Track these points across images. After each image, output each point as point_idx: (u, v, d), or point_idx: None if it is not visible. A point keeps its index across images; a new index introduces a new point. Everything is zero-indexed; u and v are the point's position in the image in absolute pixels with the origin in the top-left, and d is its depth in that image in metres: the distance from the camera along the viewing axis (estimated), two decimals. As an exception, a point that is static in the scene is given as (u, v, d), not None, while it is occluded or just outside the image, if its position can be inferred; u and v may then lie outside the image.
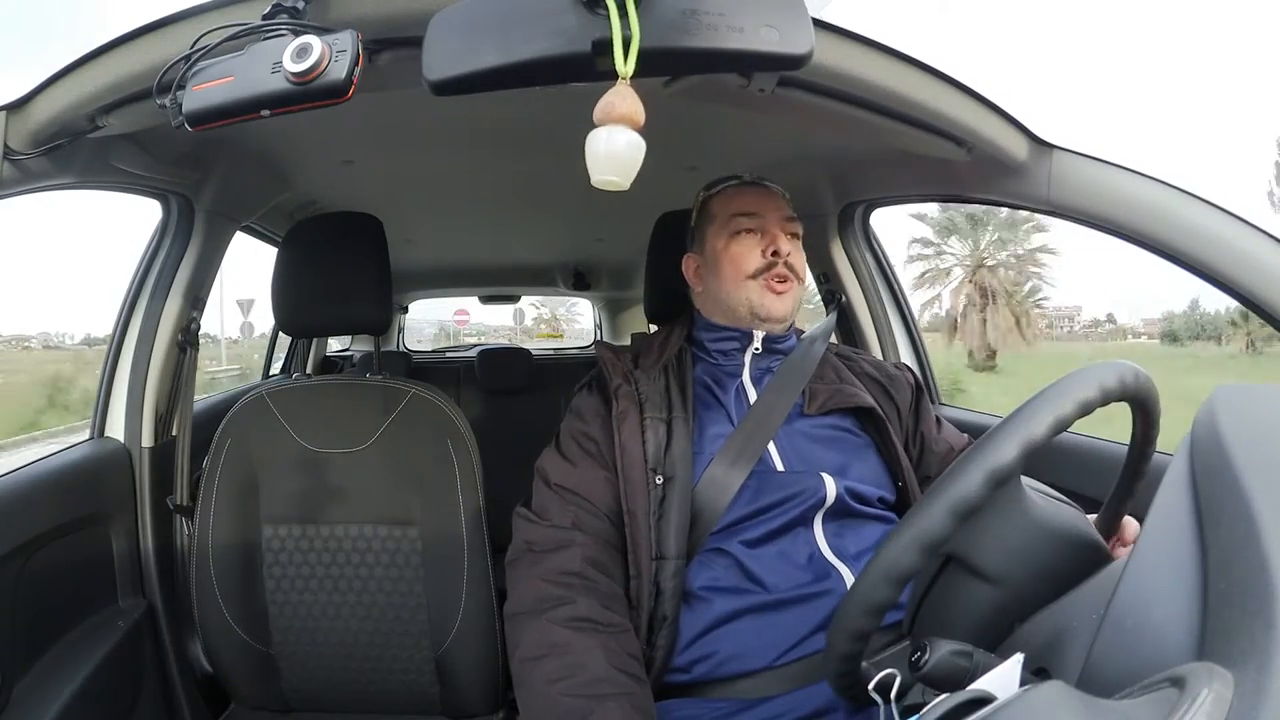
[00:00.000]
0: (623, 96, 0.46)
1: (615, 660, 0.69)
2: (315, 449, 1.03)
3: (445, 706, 1.06)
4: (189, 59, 0.52)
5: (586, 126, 0.47)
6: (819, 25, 0.56)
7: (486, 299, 3.07)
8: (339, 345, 2.82)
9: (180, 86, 0.52)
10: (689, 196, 0.97)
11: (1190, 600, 0.34)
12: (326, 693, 1.06)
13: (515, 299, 3.13)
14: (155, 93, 0.54)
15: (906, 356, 1.38)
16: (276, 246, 1.08)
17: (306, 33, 0.50)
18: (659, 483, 0.77)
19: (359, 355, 2.64)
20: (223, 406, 1.10)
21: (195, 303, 1.15)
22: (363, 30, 0.51)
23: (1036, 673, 0.43)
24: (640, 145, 0.47)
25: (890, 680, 0.50)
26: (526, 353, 2.41)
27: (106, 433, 1.10)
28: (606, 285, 2.67)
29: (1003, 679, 0.41)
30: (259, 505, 1.03)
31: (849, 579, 0.75)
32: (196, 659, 1.13)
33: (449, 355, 2.95)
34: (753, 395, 0.87)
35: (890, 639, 0.75)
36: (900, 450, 0.87)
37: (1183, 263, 0.74)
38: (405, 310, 3.01)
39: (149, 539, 1.08)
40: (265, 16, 0.52)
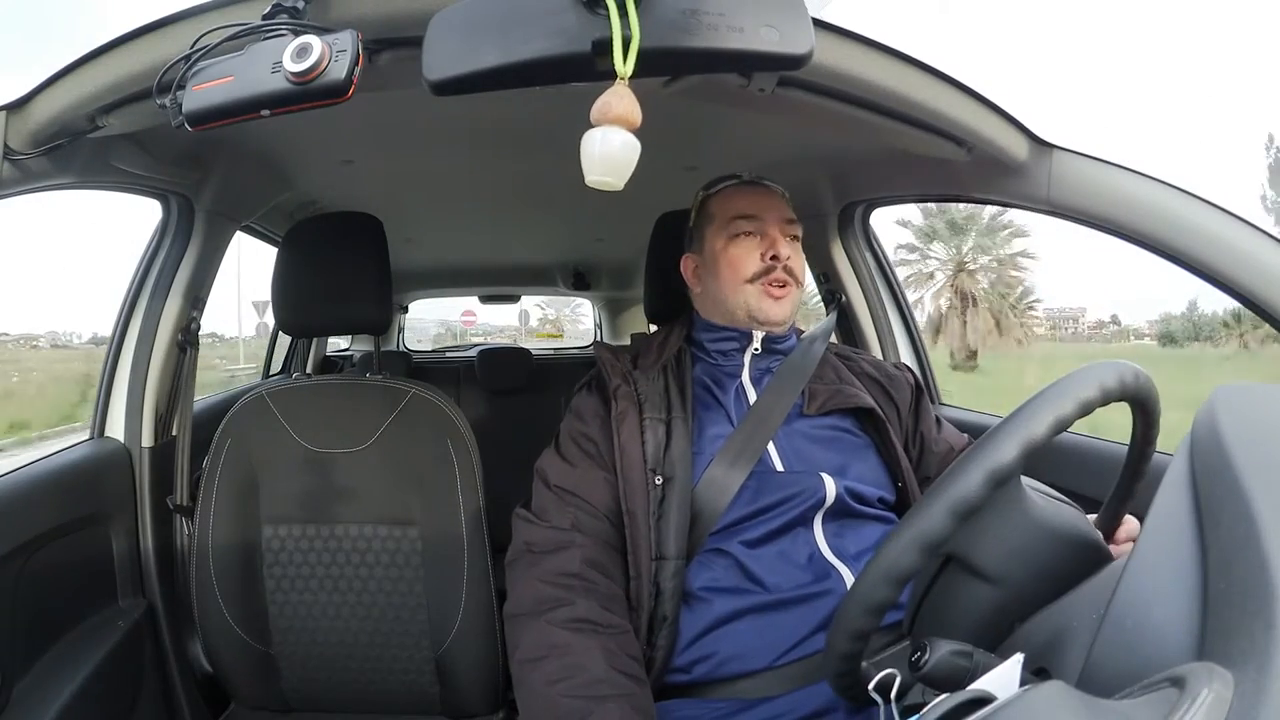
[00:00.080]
0: (620, 96, 0.46)
1: (615, 661, 0.69)
2: (315, 449, 1.03)
3: (445, 706, 1.06)
4: (189, 59, 0.52)
5: (586, 126, 0.47)
6: (819, 25, 0.56)
7: (486, 299, 3.07)
8: (339, 345, 2.82)
9: (180, 86, 0.52)
10: (689, 196, 0.97)
11: (1190, 600, 0.34)
12: (326, 693, 1.06)
13: (515, 299, 3.12)
14: (155, 93, 0.54)
15: (906, 356, 1.38)
16: (276, 246, 1.09)
17: (306, 33, 0.50)
18: (658, 483, 0.77)
19: (359, 355, 2.64)
20: (223, 406, 1.10)
21: (195, 302, 1.15)
22: (363, 30, 0.51)
23: (1036, 673, 0.43)
24: (635, 146, 0.47)
25: (890, 680, 0.50)
26: (526, 353, 2.41)
27: (106, 433, 1.10)
28: (606, 285, 2.67)
29: (1003, 679, 0.41)
30: (259, 505, 1.03)
31: (849, 579, 0.75)
32: (196, 659, 1.13)
33: (449, 355, 2.95)
34: (752, 395, 0.87)
35: (890, 639, 0.74)
36: (900, 450, 0.86)
37: (1183, 263, 0.74)
38: (405, 310, 3.01)
39: (149, 539, 1.08)
40: (265, 16, 0.52)
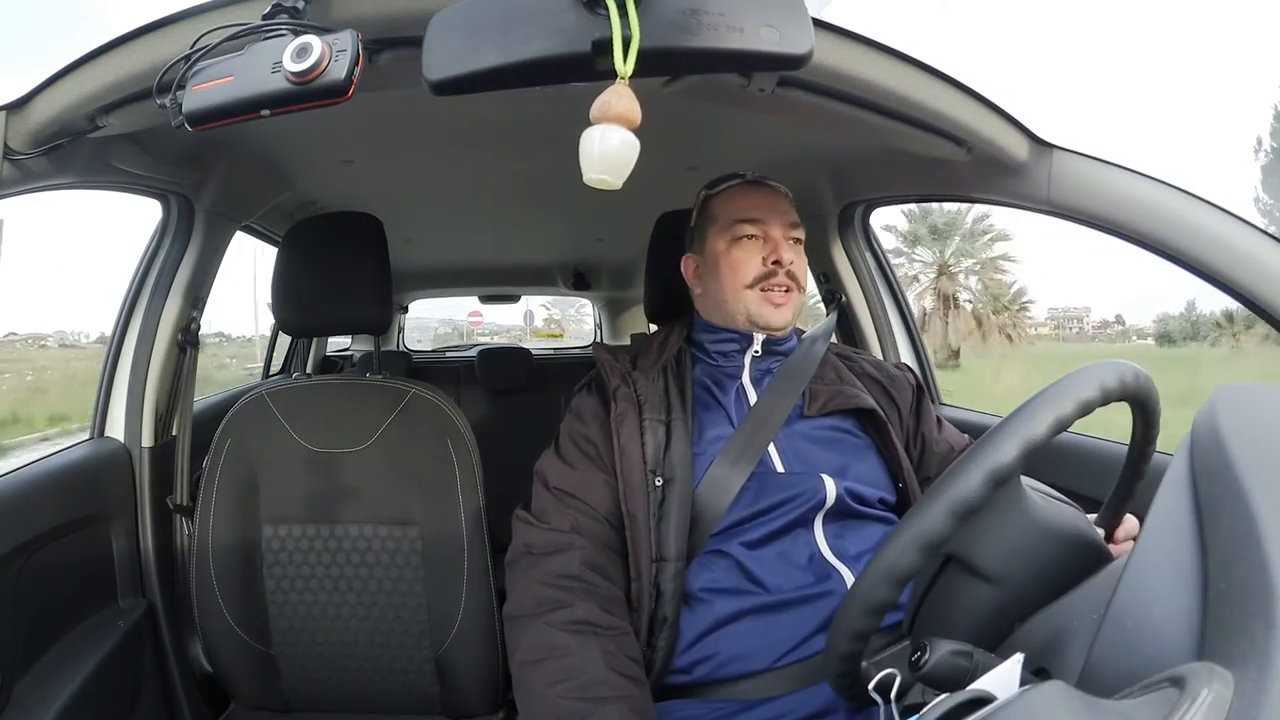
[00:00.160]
0: (619, 95, 0.46)
1: (614, 663, 0.69)
2: (315, 449, 1.03)
3: (445, 706, 1.06)
4: (189, 59, 0.52)
5: (586, 126, 0.47)
6: (819, 25, 0.56)
7: (486, 299, 3.07)
8: (339, 345, 2.82)
9: (180, 86, 0.52)
10: (689, 196, 0.97)
11: (1190, 600, 0.34)
12: (326, 693, 1.06)
13: (515, 299, 3.13)
14: (155, 93, 0.54)
15: (906, 356, 1.38)
16: (276, 246, 1.08)
17: (306, 33, 0.50)
18: (658, 485, 0.77)
19: (359, 355, 2.64)
20: (223, 406, 1.10)
21: (195, 302, 1.15)
22: (363, 30, 0.51)
23: (1036, 673, 0.43)
24: (634, 145, 0.47)
25: (890, 680, 0.50)
26: (527, 352, 2.41)
27: (106, 432, 1.10)
28: (606, 285, 2.67)
29: (1003, 679, 0.40)
30: (259, 505, 1.03)
31: (849, 580, 0.75)
32: (196, 659, 1.13)
33: (449, 355, 2.95)
34: (753, 396, 0.87)
35: (890, 639, 0.74)
36: (901, 451, 0.86)
37: (1183, 263, 0.74)
38: (405, 310, 3.01)
39: (149, 539, 1.08)
40: (265, 16, 0.52)
